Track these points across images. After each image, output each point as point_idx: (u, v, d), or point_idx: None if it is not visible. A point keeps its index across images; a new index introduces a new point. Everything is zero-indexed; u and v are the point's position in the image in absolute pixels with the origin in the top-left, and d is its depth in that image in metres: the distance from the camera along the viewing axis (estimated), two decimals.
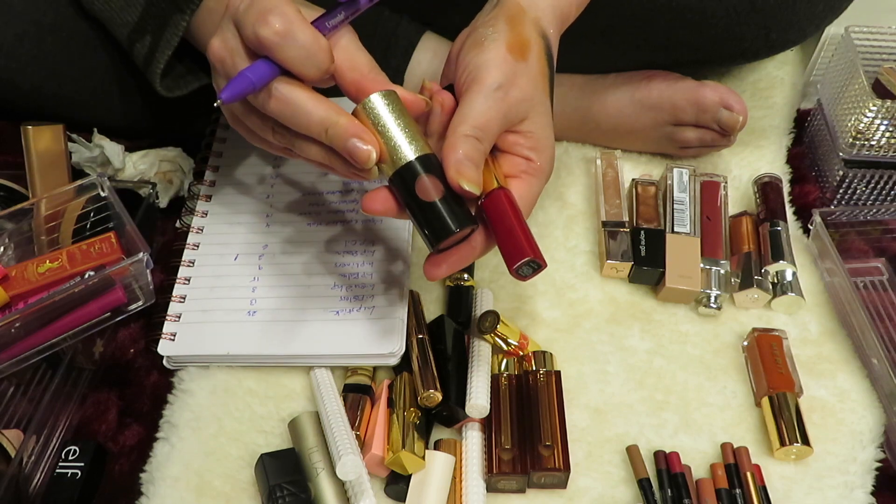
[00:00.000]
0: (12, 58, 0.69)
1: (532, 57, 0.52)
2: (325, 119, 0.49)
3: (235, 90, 0.48)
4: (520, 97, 0.51)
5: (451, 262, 0.51)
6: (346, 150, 0.49)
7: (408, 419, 0.58)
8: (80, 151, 0.72)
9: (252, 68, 0.49)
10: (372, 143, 0.48)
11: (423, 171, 0.49)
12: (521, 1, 0.54)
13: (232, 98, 0.48)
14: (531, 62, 0.52)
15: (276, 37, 0.47)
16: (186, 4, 0.60)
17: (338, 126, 0.48)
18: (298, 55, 0.48)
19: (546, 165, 0.53)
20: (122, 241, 0.63)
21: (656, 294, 0.68)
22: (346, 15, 0.52)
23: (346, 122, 0.48)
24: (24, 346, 0.59)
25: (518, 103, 0.51)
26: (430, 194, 0.49)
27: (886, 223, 0.72)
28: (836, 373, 0.64)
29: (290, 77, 0.49)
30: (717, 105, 0.70)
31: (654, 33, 0.71)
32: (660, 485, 0.57)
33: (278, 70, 0.49)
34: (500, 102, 0.50)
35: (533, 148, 0.52)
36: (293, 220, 0.69)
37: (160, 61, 0.63)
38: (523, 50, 0.52)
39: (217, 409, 0.61)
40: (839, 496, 0.58)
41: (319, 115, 0.49)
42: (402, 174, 0.49)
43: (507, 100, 0.50)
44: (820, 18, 0.71)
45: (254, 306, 0.64)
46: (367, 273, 0.65)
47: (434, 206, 0.49)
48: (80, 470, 0.58)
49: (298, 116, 0.49)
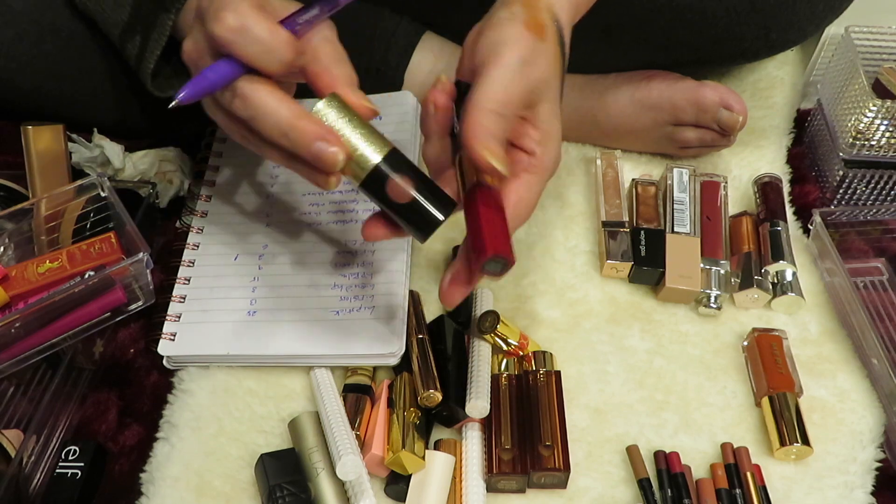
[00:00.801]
0: (12, 58, 0.69)
1: (549, 39, 0.50)
2: (286, 121, 0.47)
3: (193, 90, 0.47)
4: (539, 77, 0.49)
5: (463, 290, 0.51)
6: (311, 154, 0.47)
7: (408, 419, 0.58)
8: (80, 151, 0.72)
9: (213, 67, 0.48)
10: (339, 144, 0.47)
11: (392, 172, 0.48)
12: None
13: (189, 98, 0.47)
14: (549, 44, 0.50)
15: (231, 33, 0.46)
16: (171, 4, 0.60)
17: (301, 129, 0.47)
18: (256, 50, 0.47)
19: (549, 161, 0.51)
20: (122, 241, 0.63)
21: (656, 294, 0.68)
22: (321, 10, 0.50)
23: (310, 124, 0.47)
24: (24, 346, 0.59)
25: (537, 83, 0.49)
26: (404, 194, 0.49)
27: (886, 223, 0.72)
28: (836, 373, 0.64)
29: (257, 76, 0.48)
30: (716, 105, 0.70)
31: (654, 33, 0.71)
32: (660, 485, 0.57)
33: (241, 69, 0.48)
34: (524, 78, 0.48)
35: (539, 140, 0.50)
36: (293, 220, 0.69)
37: (150, 61, 0.63)
38: (540, 30, 0.50)
39: (217, 409, 0.61)
40: (839, 496, 0.58)
41: (281, 117, 0.47)
42: (371, 179, 0.49)
43: (528, 76, 0.48)
44: (820, 18, 0.71)
45: (254, 306, 0.64)
46: (368, 273, 0.65)
47: (413, 202, 0.49)
48: (80, 470, 0.58)
49: (259, 118, 0.48)
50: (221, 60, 0.48)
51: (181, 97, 0.47)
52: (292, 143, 0.48)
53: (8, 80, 0.69)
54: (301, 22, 0.49)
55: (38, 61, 0.69)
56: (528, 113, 0.50)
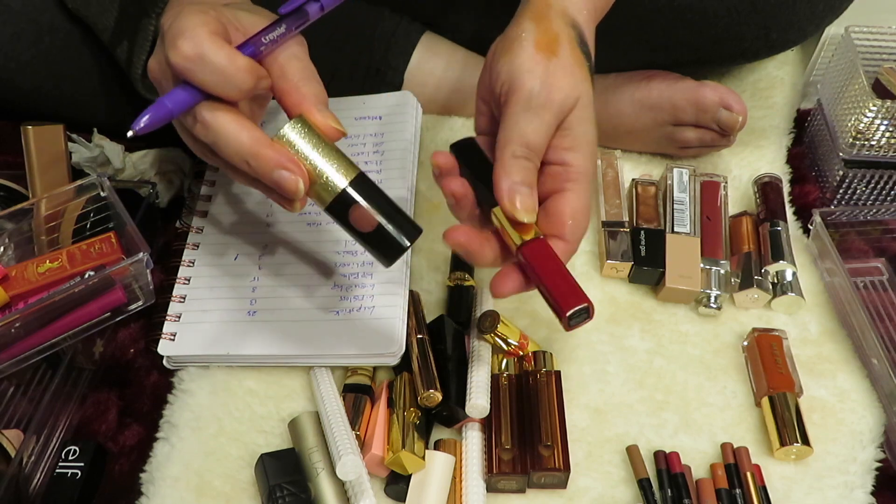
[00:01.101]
0: (11, 58, 0.69)
1: (563, 50, 0.50)
2: (248, 148, 0.47)
3: (151, 119, 0.47)
4: (562, 96, 0.48)
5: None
6: (272, 182, 0.48)
7: (408, 419, 0.58)
8: (80, 151, 0.72)
9: (171, 95, 0.48)
10: (299, 172, 0.48)
11: (357, 198, 0.49)
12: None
13: (148, 127, 0.47)
14: (563, 56, 0.49)
15: (187, 62, 0.46)
16: (152, 8, 0.59)
17: (261, 157, 0.47)
18: (213, 79, 0.47)
19: (585, 165, 0.50)
20: (122, 241, 0.63)
21: (656, 294, 0.68)
22: (288, 28, 0.50)
23: (270, 152, 0.47)
24: (24, 346, 0.59)
25: (563, 102, 0.49)
26: (368, 223, 0.49)
27: (886, 223, 0.72)
28: (836, 373, 0.64)
29: (217, 102, 0.48)
30: (716, 105, 0.70)
31: (655, 33, 0.71)
32: (660, 485, 0.57)
33: (200, 94, 0.48)
34: (543, 111, 0.48)
35: (570, 147, 0.50)
36: (293, 220, 0.69)
37: (137, 66, 0.63)
38: (552, 45, 0.49)
39: (217, 409, 0.61)
40: (839, 496, 0.58)
41: (242, 145, 0.47)
42: (336, 206, 0.49)
43: (550, 105, 0.48)
44: (820, 18, 0.71)
45: (254, 306, 0.64)
46: (368, 273, 0.65)
47: (377, 229, 0.49)
48: (80, 470, 0.58)
49: (220, 144, 0.48)
50: (179, 87, 0.48)
51: (139, 127, 0.47)
52: (253, 170, 0.48)
53: (7, 79, 0.69)
54: (267, 41, 0.49)
55: (37, 61, 0.69)
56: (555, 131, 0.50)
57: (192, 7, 0.49)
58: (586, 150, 0.50)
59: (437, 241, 0.71)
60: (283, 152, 0.48)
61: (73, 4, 0.66)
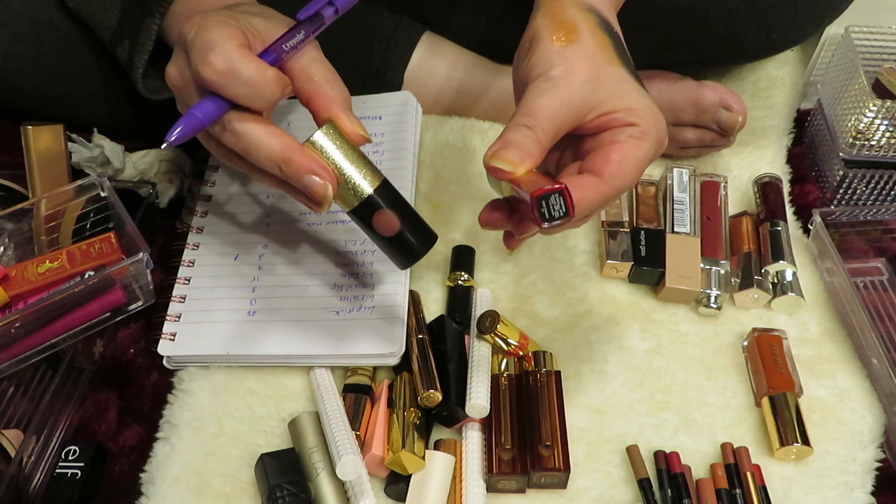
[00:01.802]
0: (11, 58, 0.69)
1: (584, 36, 0.48)
2: (279, 155, 0.49)
3: (183, 131, 0.48)
4: (583, 79, 0.47)
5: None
6: (303, 186, 0.49)
7: (408, 419, 0.58)
8: (80, 151, 0.72)
9: (199, 106, 0.49)
10: (328, 177, 0.49)
11: (381, 204, 0.51)
12: None
13: (180, 139, 0.48)
14: (584, 41, 0.48)
15: (219, 76, 0.47)
16: (155, 7, 0.60)
17: (293, 163, 0.49)
18: (244, 92, 0.48)
19: (653, 128, 0.47)
20: (122, 241, 0.63)
21: (656, 294, 0.68)
22: (307, 33, 0.51)
23: (301, 158, 0.49)
24: (24, 346, 0.59)
25: (582, 85, 0.47)
26: (390, 228, 0.52)
27: (886, 223, 0.72)
28: (836, 373, 0.64)
29: (245, 111, 0.49)
30: (716, 105, 0.70)
31: (656, 33, 0.71)
32: (660, 485, 0.57)
33: (227, 105, 0.49)
34: (554, 89, 0.47)
35: (630, 116, 0.47)
36: (293, 220, 0.69)
37: (139, 66, 0.63)
38: (570, 33, 0.48)
39: (217, 409, 0.61)
40: (839, 496, 0.58)
41: (273, 151, 0.49)
42: (361, 210, 0.52)
43: (566, 85, 0.47)
44: (821, 18, 0.71)
45: (254, 306, 0.64)
46: (367, 273, 0.65)
47: (398, 234, 0.52)
48: (80, 470, 0.58)
49: (251, 151, 0.49)
50: (207, 99, 0.49)
51: (173, 139, 0.48)
52: (285, 175, 0.50)
53: (7, 79, 0.69)
54: (287, 48, 0.50)
55: (37, 61, 0.69)
56: (603, 110, 0.47)
57: (215, 18, 0.50)
58: (648, 117, 0.48)
59: (437, 241, 0.71)
60: (314, 158, 0.50)
61: (73, 4, 0.66)
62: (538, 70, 0.48)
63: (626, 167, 0.46)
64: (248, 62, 0.48)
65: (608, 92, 0.48)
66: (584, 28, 0.49)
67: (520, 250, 0.70)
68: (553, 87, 0.47)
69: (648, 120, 0.48)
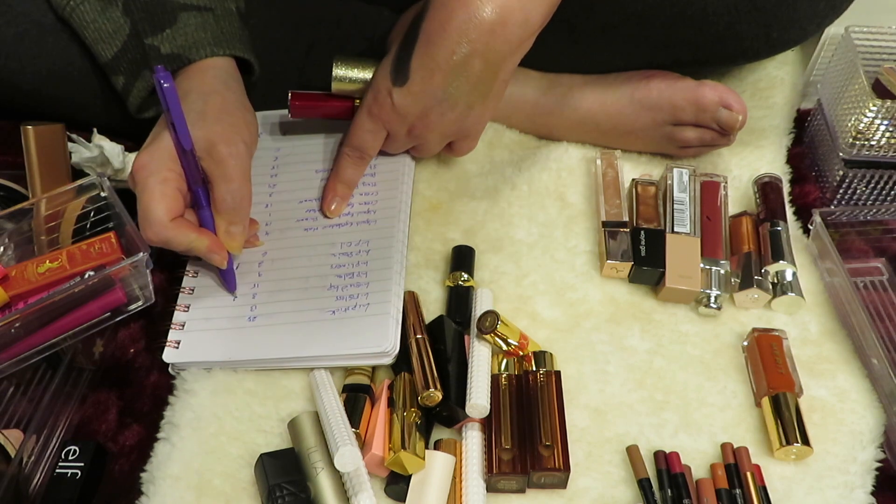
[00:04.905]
0: (12, 58, 0.69)
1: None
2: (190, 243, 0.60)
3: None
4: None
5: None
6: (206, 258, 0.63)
7: (408, 419, 0.58)
8: (80, 151, 0.72)
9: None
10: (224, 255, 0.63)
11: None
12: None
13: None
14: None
15: (159, 243, 0.59)
16: (156, 61, 0.64)
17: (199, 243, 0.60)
18: (181, 249, 0.60)
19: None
20: (122, 241, 0.63)
21: (656, 294, 0.68)
22: (174, 112, 0.56)
23: (206, 242, 0.61)
24: (24, 346, 0.59)
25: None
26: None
27: (886, 223, 0.72)
28: (836, 373, 0.64)
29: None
30: (716, 104, 0.70)
31: (655, 32, 0.71)
32: (660, 485, 0.57)
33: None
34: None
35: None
36: (291, 227, 0.69)
37: (133, 102, 0.68)
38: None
39: (217, 409, 0.61)
40: (839, 496, 0.58)
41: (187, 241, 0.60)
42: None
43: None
44: (821, 17, 0.71)
45: (254, 311, 0.64)
46: (363, 273, 0.65)
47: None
48: (80, 470, 0.58)
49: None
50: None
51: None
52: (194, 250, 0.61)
53: (8, 80, 0.69)
54: (187, 164, 0.59)
55: (39, 61, 0.69)
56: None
57: (157, 178, 0.58)
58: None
59: (436, 240, 0.71)
60: (215, 240, 0.62)
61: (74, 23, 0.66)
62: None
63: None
64: (178, 234, 0.58)
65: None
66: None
67: (520, 251, 0.71)
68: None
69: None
